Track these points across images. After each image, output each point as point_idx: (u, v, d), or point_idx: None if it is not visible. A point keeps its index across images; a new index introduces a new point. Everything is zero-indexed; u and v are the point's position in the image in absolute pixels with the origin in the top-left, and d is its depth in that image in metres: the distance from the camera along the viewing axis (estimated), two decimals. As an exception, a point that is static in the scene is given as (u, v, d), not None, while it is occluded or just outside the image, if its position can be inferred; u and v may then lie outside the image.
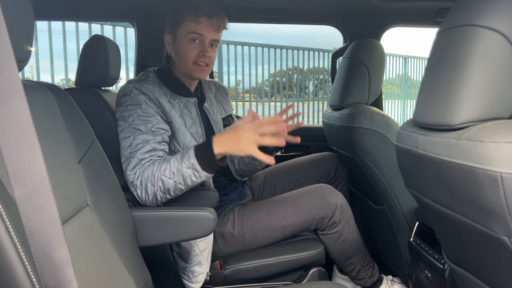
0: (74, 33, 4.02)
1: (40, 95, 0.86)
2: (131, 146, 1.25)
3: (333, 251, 1.50)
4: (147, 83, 1.34)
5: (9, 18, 0.45)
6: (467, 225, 0.70)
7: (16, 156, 0.43)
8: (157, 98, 1.32)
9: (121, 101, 1.32)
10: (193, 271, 1.33)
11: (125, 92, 1.32)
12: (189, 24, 1.33)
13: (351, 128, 1.50)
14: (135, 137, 1.25)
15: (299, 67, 6.26)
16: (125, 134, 1.27)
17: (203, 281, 1.35)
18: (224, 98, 1.65)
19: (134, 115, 1.28)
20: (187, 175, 1.17)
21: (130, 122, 1.27)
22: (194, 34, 1.33)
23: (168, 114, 1.33)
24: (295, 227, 1.45)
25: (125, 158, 1.25)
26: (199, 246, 1.33)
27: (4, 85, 0.42)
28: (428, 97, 0.77)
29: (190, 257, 1.33)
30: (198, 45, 1.35)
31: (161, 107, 1.33)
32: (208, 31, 1.34)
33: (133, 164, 1.23)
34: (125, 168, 1.25)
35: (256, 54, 5.67)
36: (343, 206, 1.46)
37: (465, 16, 0.70)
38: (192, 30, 1.33)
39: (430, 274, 1.22)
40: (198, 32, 1.33)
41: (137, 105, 1.29)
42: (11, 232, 0.55)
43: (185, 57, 1.35)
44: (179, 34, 1.36)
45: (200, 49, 1.35)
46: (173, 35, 1.38)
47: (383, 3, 1.71)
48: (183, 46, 1.35)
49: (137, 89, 1.31)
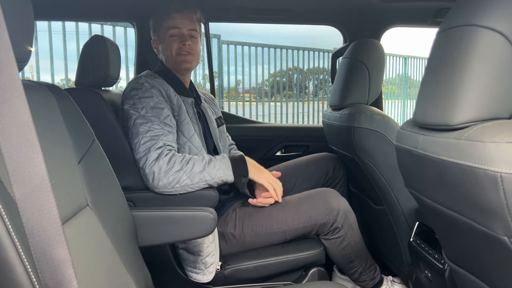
0: (74, 33, 4.02)
1: (40, 95, 0.86)
2: (151, 131, 1.31)
3: (334, 255, 1.49)
4: (156, 77, 1.44)
5: (9, 18, 0.45)
6: (467, 225, 0.70)
7: (16, 156, 0.43)
8: (166, 92, 1.41)
9: (132, 93, 1.37)
10: (206, 262, 1.35)
11: (136, 85, 1.38)
12: (166, 23, 1.46)
13: (351, 128, 1.50)
14: (153, 123, 1.31)
15: (299, 67, 6.26)
16: (142, 121, 1.32)
17: (215, 271, 1.37)
18: (212, 103, 1.76)
19: (147, 107, 1.34)
20: (218, 167, 1.32)
21: (143, 114, 1.33)
22: (172, 30, 1.46)
23: (176, 106, 1.41)
24: (295, 232, 1.44)
25: (146, 140, 1.29)
26: (209, 238, 1.35)
27: (4, 85, 0.42)
28: (428, 97, 0.77)
29: (202, 248, 1.34)
30: (177, 38, 1.46)
31: (170, 100, 1.41)
32: (183, 23, 1.46)
33: (159, 144, 1.29)
34: (147, 148, 1.28)
35: (256, 54, 5.67)
36: (346, 212, 1.44)
37: (465, 16, 0.70)
38: (169, 26, 1.46)
39: (430, 274, 1.22)
40: (175, 26, 1.46)
41: (149, 97, 1.36)
42: (11, 232, 0.55)
43: (169, 52, 1.47)
44: (161, 36, 1.49)
45: (179, 40, 1.46)
46: (157, 39, 1.51)
47: (383, 3, 1.71)
48: (165, 43, 1.48)
49: (149, 83, 1.38)
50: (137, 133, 1.30)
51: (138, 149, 1.29)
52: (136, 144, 1.30)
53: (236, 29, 5.71)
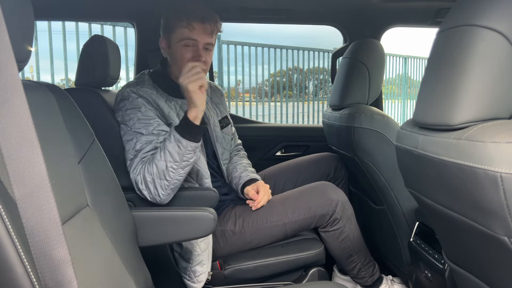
0: (74, 33, 4.02)
1: (40, 95, 0.86)
2: (135, 148, 1.28)
3: (334, 249, 1.50)
4: (144, 86, 1.36)
5: (9, 18, 0.45)
6: (467, 225, 0.70)
7: (16, 156, 0.43)
8: (155, 101, 1.35)
9: (120, 105, 1.34)
10: (195, 271, 1.34)
11: (123, 96, 1.34)
12: (182, 31, 1.33)
13: (351, 128, 1.50)
14: (138, 139, 1.28)
15: (299, 67, 6.25)
16: (128, 137, 1.30)
17: (204, 280, 1.36)
18: (219, 100, 1.67)
19: (134, 119, 1.30)
20: (173, 149, 1.21)
21: (131, 126, 1.30)
22: (188, 40, 1.34)
23: (167, 116, 1.36)
24: (296, 225, 1.45)
25: (129, 160, 1.29)
26: (200, 246, 1.34)
27: (4, 85, 0.42)
28: (428, 97, 0.77)
29: (192, 257, 1.33)
30: (192, 49, 1.35)
31: (160, 109, 1.35)
32: (202, 36, 1.34)
33: (136, 162, 1.27)
34: (129, 169, 1.28)
35: (256, 54, 5.66)
36: (344, 203, 1.46)
37: (465, 16, 0.70)
38: (185, 37, 1.33)
39: (430, 274, 1.22)
40: (192, 37, 1.33)
41: (136, 108, 1.31)
42: (11, 232, 0.55)
43: (180, 62, 1.35)
44: (173, 40, 1.36)
45: (194, 53, 1.34)
46: (167, 40, 1.39)
47: (383, 3, 1.71)
48: (178, 51, 1.36)
49: (135, 93, 1.33)
50: (126, 151, 1.31)
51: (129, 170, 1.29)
52: (127, 163, 1.30)
53: (236, 29, 5.74)
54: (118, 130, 1.34)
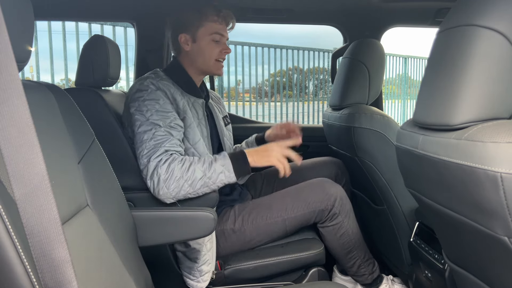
0: (74, 33, 4.02)
1: (40, 95, 0.86)
2: (154, 138, 1.28)
3: (333, 246, 1.50)
4: (162, 79, 1.39)
5: (9, 18, 0.45)
6: (467, 225, 0.70)
7: (16, 156, 0.43)
8: (172, 95, 1.37)
9: (136, 95, 1.34)
10: (201, 270, 1.35)
11: (141, 87, 1.35)
12: (213, 25, 1.44)
13: (351, 128, 1.50)
14: (157, 130, 1.29)
15: (299, 67, 6.25)
16: (146, 128, 1.29)
17: (209, 280, 1.37)
18: (219, 101, 1.74)
19: (152, 110, 1.31)
20: (219, 171, 1.27)
21: (148, 117, 1.30)
22: (217, 35, 1.45)
23: (181, 110, 1.38)
24: (295, 220, 1.45)
25: (149, 149, 1.27)
26: (207, 246, 1.35)
27: (4, 85, 0.42)
28: (428, 97, 0.76)
29: (199, 256, 1.34)
30: (219, 44, 1.46)
31: (176, 103, 1.38)
32: (226, 31, 1.49)
33: (160, 152, 1.26)
34: (148, 157, 1.26)
35: (256, 54, 5.66)
36: (342, 198, 1.47)
37: (465, 16, 0.70)
38: (216, 31, 1.44)
39: (430, 274, 1.22)
40: (221, 32, 1.45)
41: (154, 100, 1.33)
42: (11, 232, 0.55)
43: (208, 56, 1.45)
44: (200, 34, 1.43)
45: (222, 47, 1.47)
46: (191, 35, 1.44)
47: (383, 3, 1.71)
48: (206, 45, 1.44)
49: (154, 85, 1.35)
50: (141, 141, 1.28)
51: (141, 160, 1.27)
52: (140, 154, 1.28)
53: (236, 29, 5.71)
54: (118, 130, 1.34)
